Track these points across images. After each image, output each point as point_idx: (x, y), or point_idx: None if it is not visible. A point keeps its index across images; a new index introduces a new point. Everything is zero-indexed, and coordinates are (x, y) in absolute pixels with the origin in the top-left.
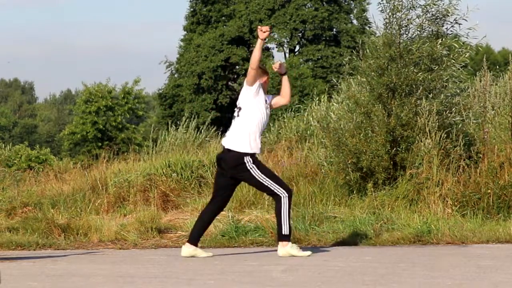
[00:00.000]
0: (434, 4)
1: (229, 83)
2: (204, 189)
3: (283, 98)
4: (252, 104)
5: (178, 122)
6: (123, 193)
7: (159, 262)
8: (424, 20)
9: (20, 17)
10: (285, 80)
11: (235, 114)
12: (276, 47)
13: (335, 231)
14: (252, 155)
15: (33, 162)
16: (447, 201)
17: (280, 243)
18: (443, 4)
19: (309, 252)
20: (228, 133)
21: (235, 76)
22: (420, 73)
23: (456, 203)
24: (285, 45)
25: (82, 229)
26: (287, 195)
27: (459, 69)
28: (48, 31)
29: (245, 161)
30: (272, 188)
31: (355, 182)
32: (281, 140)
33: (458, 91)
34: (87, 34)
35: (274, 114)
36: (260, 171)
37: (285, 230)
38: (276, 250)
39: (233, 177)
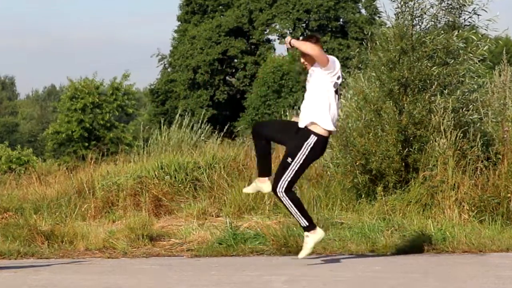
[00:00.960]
0: None
1: (227, 77)
2: (199, 193)
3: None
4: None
5: (172, 121)
6: (112, 197)
7: (151, 272)
8: (439, 10)
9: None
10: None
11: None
12: (278, 38)
13: (342, 239)
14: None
15: (14, 164)
16: (463, 206)
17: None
18: None
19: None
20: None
21: (233, 70)
22: (435, 67)
23: (473, 208)
24: None
25: (67, 237)
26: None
27: (476, 63)
28: (30, 22)
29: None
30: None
31: (364, 185)
32: None
33: (475, 86)
34: (73, 25)
35: (276, 112)
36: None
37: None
38: (277, 260)
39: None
